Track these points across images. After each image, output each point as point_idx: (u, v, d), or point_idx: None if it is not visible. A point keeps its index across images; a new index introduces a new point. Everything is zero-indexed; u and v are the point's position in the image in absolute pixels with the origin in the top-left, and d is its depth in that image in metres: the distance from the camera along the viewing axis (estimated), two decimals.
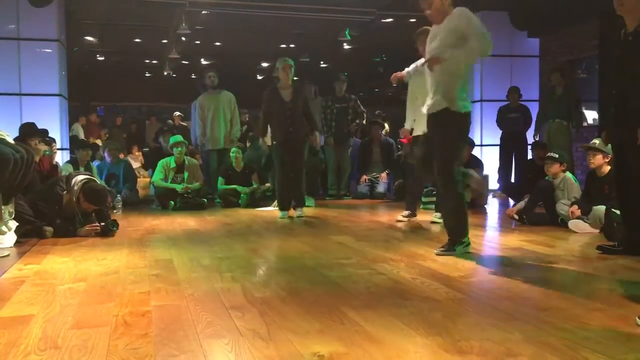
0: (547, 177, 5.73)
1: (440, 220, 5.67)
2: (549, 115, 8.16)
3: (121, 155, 10.34)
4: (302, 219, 6.19)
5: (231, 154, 7.82)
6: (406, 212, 6.02)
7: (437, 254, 3.94)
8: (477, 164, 7.54)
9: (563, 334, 2.27)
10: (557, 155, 5.69)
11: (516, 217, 5.68)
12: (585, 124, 9.06)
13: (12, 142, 4.69)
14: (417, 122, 5.71)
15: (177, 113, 14.49)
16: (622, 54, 3.82)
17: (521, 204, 5.82)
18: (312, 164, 8.01)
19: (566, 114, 8.03)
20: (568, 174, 5.69)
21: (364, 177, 8.71)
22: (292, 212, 6.41)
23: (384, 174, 8.67)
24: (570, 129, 8.04)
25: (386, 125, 12.71)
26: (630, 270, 3.49)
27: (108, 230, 5.03)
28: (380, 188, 8.62)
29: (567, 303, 2.75)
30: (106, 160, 8.10)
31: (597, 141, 5.18)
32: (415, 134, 5.77)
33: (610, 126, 4.09)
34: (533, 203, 5.67)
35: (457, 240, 4.02)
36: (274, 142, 6.40)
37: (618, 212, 4.30)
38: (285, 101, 6.26)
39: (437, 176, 4.06)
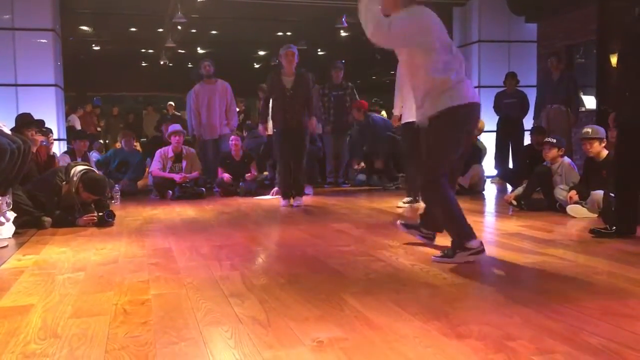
0: (545, 163, 5.73)
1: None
2: (548, 101, 8.13)
3: (117, 145, 10.42)
4: (300, 207, 6.18)
5: (230, 141, 7.79)
6: (407, 199, 6.02)
7: (434, 261, 3.35)
8: (476, 151, 7.53)
9: (562, 317, 2.27)
10: (554, 140, 5.69)
11: (514, 202, 5.69)
12: (582, 109, 9.05)
13: (9, 132, 4.67)
14: (406, 108, 5.70)
15: (171, 103, 14.51)
16: None
17: (519, 189, 5.83)
18: (310, 152, 8.00)
19: (565, 99, 8.00)
20: (566, 159, 5.69)
21: (360, 164, 8.67)
22: (291, 200, 6.40)
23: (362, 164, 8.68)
24: (569, 113, 8.01)
25: (384, 113, 12.69)
26: (627, 254, 3.50)
27: (104, 221, 5.02)
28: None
29: (565, 287, 2.76)
30: (123, 147, 8.29)
31: (589, 130, 5.17)
32: (404, 120, 5.75)
33: (622, 108, 4.03)
34: (531, 188, 5.67)
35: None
36: (275, 130, 6.36)
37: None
38: (286, 88, 6.19)
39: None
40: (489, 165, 8.61)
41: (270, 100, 6.34)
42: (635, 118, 3.91)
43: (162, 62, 15.72)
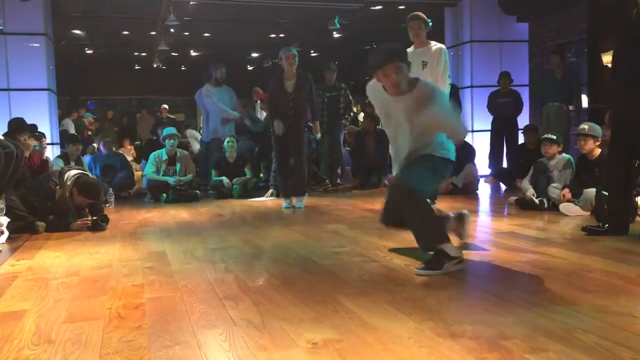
0: (542, 159, 5.75)
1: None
2: (548, 99, 8.11)
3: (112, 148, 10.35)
4: (302, 209, 6.14)
5: (225, 143, 7.77)
6: None
7: (417, 274, 3.09)
8: (469, 150, 7.57)
9: (555, 316, 2.28)
10: (555, 137, 5.71)
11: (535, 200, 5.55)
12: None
13: (1, 138, 4.66)
14: None
15: (164, 106, 14.45)
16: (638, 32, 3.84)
17: (528, 187, 5.66)
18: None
19: (566, 97, 8.00)
20: (566, 155, 5.71)
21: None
22: (293, 201, 6.36)
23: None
24: (569, 112, 8.03)
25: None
26: (620, 252, 3.52)
27: (98, 225, 5.01)
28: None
29: (558, 285, 2.77)
30: (102, 152, 8.15)
31: (585, 126, 5.19)
32: None
33: (618, 106, 4.07)
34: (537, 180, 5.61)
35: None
36: (275, 135, 6.37)
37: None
38: (288, 92, 6.21)
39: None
40: (482, 165, 8.64)
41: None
42: (630, 115, 3.94)
43: (155, 65, 15.69)
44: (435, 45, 5.57)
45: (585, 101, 8.95)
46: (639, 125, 3.86)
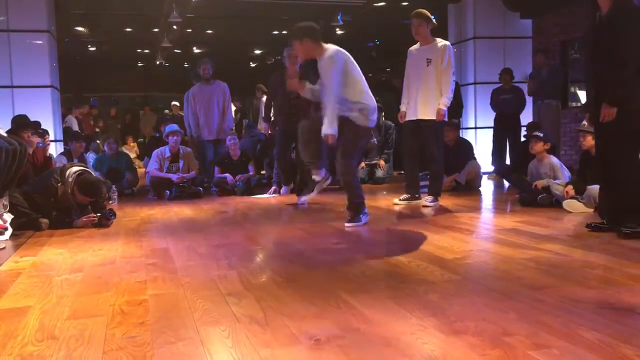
0: (532, 161, 5.79)
1: (432, 204, 5.68)
2: (538, 96, 8.20)
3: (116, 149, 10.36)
4: (304, 205, 6.16)
5: (228, 141, 7.76)
6: (404, 196, 6.01)
7: (348, 227, 4.56)
8: (467, 147, 7.53)
9: (558, 312, 2.28)
10: (542, 134, 5.74)
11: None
12: (579, 104, 9.10)
13: (5, 134, 4.67)
14: (410, 107, 5.72)
15: (175, 103, 14.44)
16: (598, 37, 3.88)
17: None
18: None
19: (554, 94, 8.07)
20: (552, 158, 5.74)
21: (362, 163, 8.66)
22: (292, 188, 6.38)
23: (382, 162, 8.65)
24: (560, 108, 8.10)
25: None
26: (623, 248, 3.51)
27: (104, 220, 5.01)
28: (379, 173, 8.63)
29: (561, 282, 2.77)
30: (106, 152, 8.16)
31: (586, 122, 5.21)
32: (407, 118, 5.77)
33: (592, 109, 4.14)
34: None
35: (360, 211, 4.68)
36: (277, 129, 6.38)
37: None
38: (290, 91, 6.20)
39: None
40: (485, 161, 8.63)
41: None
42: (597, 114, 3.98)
43: (158, 62, 15.71)
44: (440, 42, 5.56)
45: (584, 98, 8.97)
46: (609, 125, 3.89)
